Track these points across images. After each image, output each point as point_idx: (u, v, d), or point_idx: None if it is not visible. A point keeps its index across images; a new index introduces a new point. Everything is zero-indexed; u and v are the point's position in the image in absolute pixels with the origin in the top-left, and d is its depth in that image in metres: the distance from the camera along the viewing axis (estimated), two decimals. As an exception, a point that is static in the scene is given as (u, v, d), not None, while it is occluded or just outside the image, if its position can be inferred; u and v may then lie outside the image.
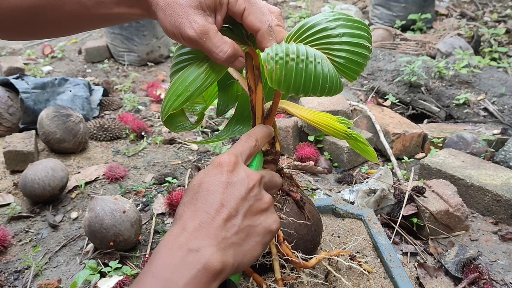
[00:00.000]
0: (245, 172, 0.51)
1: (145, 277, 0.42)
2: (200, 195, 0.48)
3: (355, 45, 0.54)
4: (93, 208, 1.22)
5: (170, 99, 0.55)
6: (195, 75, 0.55)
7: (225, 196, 0.48)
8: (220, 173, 0.50)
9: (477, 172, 1.43)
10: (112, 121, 2.01)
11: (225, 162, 0.50)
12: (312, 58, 0.51)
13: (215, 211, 0.47)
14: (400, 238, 1.28)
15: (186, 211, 0.48)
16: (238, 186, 0.49)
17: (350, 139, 0.65)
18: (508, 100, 2.08)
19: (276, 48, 0.51)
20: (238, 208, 0.48)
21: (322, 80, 0.51)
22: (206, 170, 0.52)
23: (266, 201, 0.52)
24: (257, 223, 0.50)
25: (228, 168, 0.50)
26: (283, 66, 0.50)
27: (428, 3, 3.31)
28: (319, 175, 1.67)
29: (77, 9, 0.55)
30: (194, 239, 0.44)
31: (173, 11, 0.52)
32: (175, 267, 0.42)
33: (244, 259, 0.48)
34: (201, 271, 0.42)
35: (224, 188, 0.48)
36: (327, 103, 1.78)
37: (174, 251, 0.43)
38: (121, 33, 2.85)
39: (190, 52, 0.59)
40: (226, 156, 0.51)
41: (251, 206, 0.50)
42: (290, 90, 0.52)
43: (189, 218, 0.46)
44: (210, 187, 0.49)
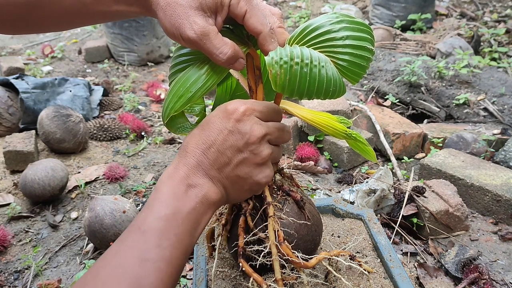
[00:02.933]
0: (249, 126, 0.52)
1: (154, 203, 0.50)
2: (204, 134, 0.53)
3: (359, 48, 0.53)
4: (93, 208, 1.22)
5: (172, 100, 0.55)
6: (196, 76, 0.55)
7: (224, 144, 0.52)
8: (227, 119, 0.52)
9: (477, 172, 1.43)
10: (112, 121, 2.01)
11: (234, 110, 0.52)
12: (316, 62, 0.51)
13: (212, 155, 0.52)
14: (400, 238, 1.28)
15: (190, 144, 0.53)
16: (237, 137, 0.52)
17: (350, 139, 0.65)
18: (508, 100, 2.08)
19: (281, 52, 0.50)
20: (231, 158, 0.52)
21: (326, 84, 0.51)
22: (218, 111, 0.53)
23: (263, 156, 0.54)
24: (247, 175, 0.54)
25: (235, 117, 0.52)
26: (288, 71, 0.50)
27: (428, 3, 3.31)
28: (319, 175, 1.67)
29: (75, 5, 0.55)
30: (192, 175, 0.52)
31: (173, 11, 0.51)
32: (179, 197, 0.50)
33: (232, 197, 0.56)
34: (199, 203, 0.51)
35: (225, 135, 0.52)
36: (327, 103, 1.78)
37: (177, 183, 0.51)
38: (121, 33, 2.85)
39: (190, 53, 0.59)
40: (238, 105, 0.53)
41: (245, 158, 0.53)
42: (294, 94, 0.51)
43: (189, 153, 0.52)
44: (214, 130, 0.52)
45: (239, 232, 0.62)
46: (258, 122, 0.53)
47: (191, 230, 0.50)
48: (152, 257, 0.47)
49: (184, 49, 0.60)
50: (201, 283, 0.70)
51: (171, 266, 0.48)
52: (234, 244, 0.63)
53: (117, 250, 0.48)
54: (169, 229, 0.48)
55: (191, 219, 0.50)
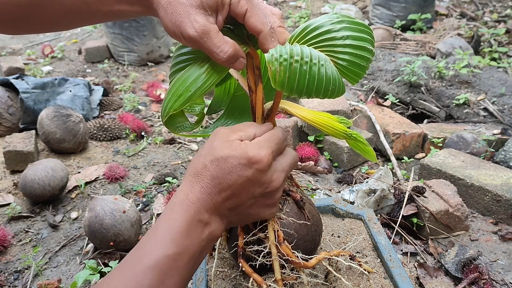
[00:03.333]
0: (271, 177, 0.53)
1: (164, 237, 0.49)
2: (222, 175, 0.51)
3: (359, 48, 0.53)
4: (93, 208, 1.22)
5: (171, 99, 0.55)
6: (196, 76, 0.55)
7: (241, 190, 0.52)
8: (249, 167, 0.51)
9: (477, 172, 1.43)
10: (112, 121, 2.01)
11: (260, 161, 0.51)
12: (316, 60, 0.51)
13: (227, 197, 0.52)
14: (400, 238, 1.28)
15: (206, 178, 0.52)
16: (256, 186, 0.52)
17: (350, 139, 0.65)
18: (508, 100, 2.08)
19: (281, 49, 0.50)
20: (246, 201, 0.53)
21: (326, 83, 0.51)
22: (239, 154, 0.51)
23: (275, 199, 0.55)
24: (256, 213, 0.55)
25: (259, 167, 0.51)
26: (287, 68, 0.50)
27: (428, 3, 3.31)
28: (319, 175, 1.67)
29: (77, 5, 0.55)
30: (204, 212, 0.51)
31: (174, 10, 0.51)
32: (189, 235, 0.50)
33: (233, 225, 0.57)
34: (205, 240, 0.52)
35: (244, 182, 0.51)
36: (327, 103, 1.78)
37: (190, 218, 0.50)
38: (121, 33, 2.85)
39: (190, 52, 0.59)
40: (263, 155, 0.51)
41: (258, 201, 0.54)
42: (294, 92, 0.51)
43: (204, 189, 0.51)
44: (232, 174, 0.51)
45: (239, 232, 0.62)
46: (278, 169, 0.54)
47: (194, 267, 0.52)
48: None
49: (185, 49, 0.60)
50: (201, 283, 0.70)
51: None
52: (234, 244, 0.63)
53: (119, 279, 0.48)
54: (174, 268, 0.48)
55: (196, 257, 0.51)
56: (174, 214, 0.51)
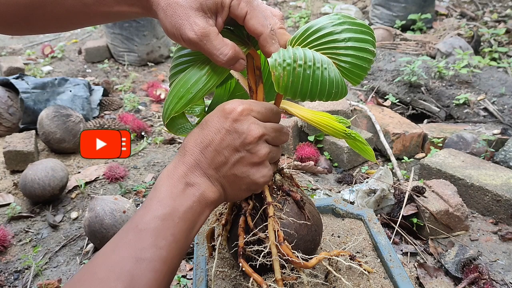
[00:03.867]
0: (247, 126, 0.52)
1: (152, 202, 0.51)
2: (203, 133, 0.53)
3: (361, 50, 0.53)
4: (93, 208, 1.22)
5: (172, 101, 0.55)
6: (196, 77, 0.55)
7: (221, 143, 0.52)
8: (225, 118, 0.52)
9: (477, 172, 1.43)
10: (112, 121, 2.01)
11: (232, 110, 0.52)
12: (319, 64, 0.51)
13: (210, 154, 0.53)
14: (400, 238, 1.28)
15: (189, 143, 0.54)
16: (234, 136, 0.52)
17: (349, 138, 0.65)
18: (508, 100, 2.08)
19: (284, 54, 0.50)
20: (229, 157, 0.53)
21: (329, 86, 0.51)
22: (217, 110, 0.54)
23: (260, 155, 0.54)
24: (245, 174, 0.54)
25: (233, 117, 0.52)
26: (291, 73, 0.50)
27: (428, 3, 3.31)
28: (319, 175, 1.67)
29: (77, 6, 0.55)
30: (190, 174, 0.52)
31: (174, 12, 0.51)
32: (176, 196, 0.51)
33: (230, 196, 0.57)
34: (196, 202, 0.52)
35: (223, 135, 0.52)
36: (327, 103, 1.78)
37: (175, 182, 0.52)
38: (121, 33, 2.85)
39: (190, 54, 0.59)
40: (236, 104, 0.53)
41: (242, 157, 0.53)
42: (297, 96, 0.51)
43: (188, 152, 0.53)
44: (211, 129, 0.53)
45: (239, 232, 0.62)
46: (255, 122, 0.53)
47: (188, 229, 0.51)
48: (148, 257, 0.47)
49: (185, 50, 0.60)
50: (201, 283, 0.70)
51: (166, 266, 0.49)
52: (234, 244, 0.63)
53: (114, 248, 0.49)
54: (166, 228, 0.49)
55: (187, 218, 0.51)
56: (161, 181, 0.52)
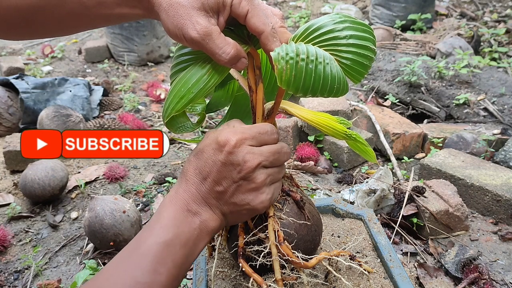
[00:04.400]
0: (242, 157, 0.53)
1: (155, 227, 0.52)
2: (200, 164, 0.54)
3: (362, 48, 0.53)
4: (93, 208, 1.22)
5: (173, 101, 0.55)
6: (197, 77, 0.55)
7: (218, 175, 0.53)
8: (219, 151, 0.53)
9: (477, 172, 1.43)
10: (112, 121, 2.01)
11: (226, 143, 0.53)
12: (321, 59, 0.51)
13: (209, 185, 0.54)
14: (400, 238, 1.28)
15: (189, 171, 0.55)
16: (231, 169, 0.53)
17: (350, 139, 0.65)
18: (508, 100, 2.08)
19: (287, 47, 0.50)
20: (227, 187, 0.54)
21: (331, 81, 0.51)
22: (210, 141, 0.54)
23: (257, 182, 0.54)
24: (244, 202, 0.55)
25: (227, 150, 0.53)
26: (294, 66, 0.50)
27: (428, 3, 3.31)
28: (319, 175, 1.67)
29: (78, 9, 0.55)
30: (192, 203, 0.54)
31: (175, 12, 0.51)
32: (179, 223, 0.52)
33: (231, 221, 0.58)
34: (197, 230, 0.53)
35: (219, 167, 0.53)
36: (327, 103, 1.78)
37: (178, 209, 0.53)
38: (121, 33, 2.85)
39: (191, 53, 0.59)
40: (229, 136, 0.53)
41: (239, 186, 0.54)
42: (299, 91, 0.51)
43: (189, 181, 0.54)
44: (208, 161, 0.54)
45: (239, 232, 0.62)
46: (251, 151, 0.54)
47: (187, 255, 0.52)
48: (147, 281, 0.48)
49: (185, 49, 0.60)
50: (201, 283, 0.70)
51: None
52: (234, 244, 0.63)
53: (116, 269, 0.50)
54: (167, 254, 0.50)
55: (188, 245, 0.52)
56: (165, 208, 0.54)
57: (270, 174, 0.56)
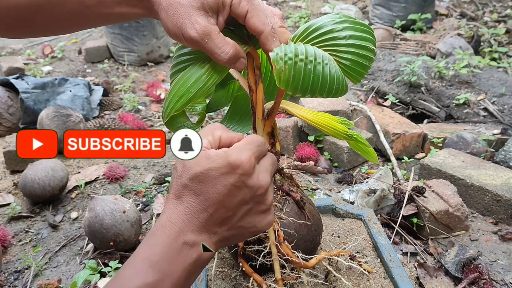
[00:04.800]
0: (257, 180, 0.49)
1: (143, 263, 0.45)
2: (205, 188, 0.47)
3: (361, 48, 0.53)
4: (93, 208, 1.22)
5: (172, 100, 0.55)
6: (197, 76, 0.55)
7: (229, 199, 0.48)
8: (232, 174, 0.47)
9: (477, 172, 1.43)
10: (112, 121, 2.01)
11: (241, 164, 0.47)
12: (320, 60, 0.51)
13: (215, 210, 0.47)
14: (400, 238, 1.28)
15: (189, 197, 0.48)
16: (245, 191, 0.48)
17: (351, 140, 0.65)
18: (508, 100, 2.08)
19: (285, 48, 0.50)
20: (237, 211, 0.49)
21: (330, 82, 0.51)
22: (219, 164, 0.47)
23: (268, 203, 0.51)
24: (251, 224, 0.51)
25: (242, 171, 0.47)
26: (292, 67, 0.50)
27: (428, 3, 3.31)
28: (319, 175, 1.67)
29: (77, 8, 0.55)
30: (190, 233, 0.47)
31: (175, 12, 0.51)
32: (171, 260, 0.46)
33: (229, 244, 0.53)
34: (192, 264, 0.47)
35: (230, 190, 0.47)
36: (327, 103, 1.78)
37: (171, 241, 0.46)
38: (121, 33, 2.85)
39: (191, 53, 0.59)
40: (245, 157, 0.48)
41: (250, 209, 0.50)
42: (298, 91, 0.51)
43: (188, 208, 0.47)
44: (217, 186, 0.47)
45: (239, 232, 0.62)
46: (262, 170, 0.50)
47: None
48: None
49: (185, 49, 0.60)
50: (201, 283, 0.70)
51: None
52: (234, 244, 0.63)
53: None
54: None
55: (181, 283, 0.47)
56: (155, 239, 0.47)
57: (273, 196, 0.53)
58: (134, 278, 0.45)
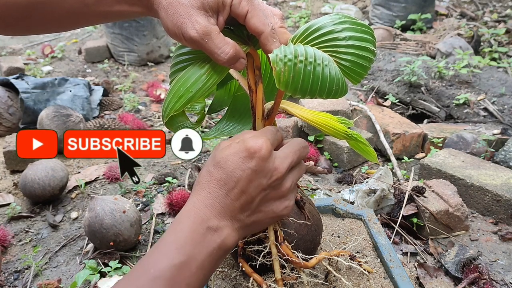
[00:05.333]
0: (273, 164, 0.51)
1: (170, 247, 0.47)
2: (225, 174, 0.50)
3: (361, 49, 0.53)
4: (93, 208, 1.22)
5: (172, 100, 0.55)
6: (196, 76, 0.55)
7: (248, 184, 0.50)
8: (250, 158, 0.50)
9: (477, 172, 1.43)
10: (112, 121, 2.01)
11: (259, 149, 0.50)
12: (320, 61, 0.51)
13: (235, 196, 0.50)
14: (400, 238, 1.28)
15: (211, 182, 0.51)
16: (262, 176, 0.51)
17: (350, 139, 0.65)
18: (508, 100, 2.08)
19: (285, 49, 0.50)
20: (256, 196, 0.51)
21: (329, 83, 0.51)
22: (236, 149, 0.51)
23: (285, 188, 0.53)
24: (269, 209, 0.53)
25: (259, 156, 0.50)
26: (292, 68, 0.50)
27: (428, 3, 3.31)
28: (319, 175, 1.67)
29: (77, 6, 0.55)
30: (213, 218, 0.49)
31: (175, 11, 0.51)
32: (196, 242, 0.48)
33: (250, 232, 0.55)
34: (216, 249, 0.49)
35: (249, 175, 0.50)
36: (327, 103, 1.78)
37: (196, 226, 0.49)
38: (121, 33, 2.85)
39: (191, 52, 0.59)
40: (261, 142, 0.51)
41: (268, 194, 0.52)
42: (297, 92, 0.51)
43: (211, 194, 0.50)
44: (236, 170, 0.50)
45: (239, 232, 0.62)
46: (279, 156, 0.53)
47: (203, 276, 0.49)
48: None
49: (185, 48, 0.60)
50: (201, 283, 0.70)
51: None
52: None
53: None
54: (181, 278, 0.46)
55: (205, 266, 0.48)
56: (181, 224, 0.49)
57: (295, 178, 0.55)
58: (161, 260, 0.46)
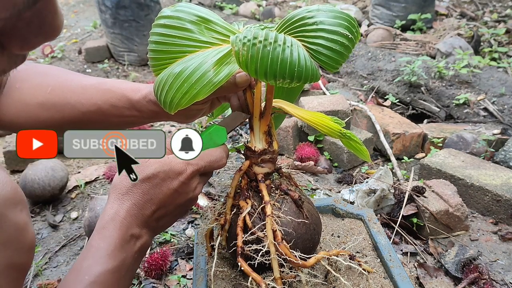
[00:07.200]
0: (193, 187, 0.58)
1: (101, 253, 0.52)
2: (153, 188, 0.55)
3: (332, 32, 0.52)
4: (93, 208, 1.22)
5: (176, 96, 0.53)
6: (202, 72, 0.53)
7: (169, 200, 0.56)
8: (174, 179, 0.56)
9: (477, 172, 1.43)
10: (112, 121, 2.01)
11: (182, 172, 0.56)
12: (281, 42, 0.50)
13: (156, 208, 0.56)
14: (400, 238, 1.28)
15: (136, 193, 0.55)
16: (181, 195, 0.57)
17: (344, 138, 0.65)
18: (508, 100, 2.08)
19: (246, 32, 0.50)
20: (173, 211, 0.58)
21: (290, 64, 0.50)
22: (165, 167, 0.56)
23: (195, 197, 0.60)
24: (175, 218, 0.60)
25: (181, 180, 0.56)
26: (250, 48, 0.49)
27: (428, 3, 3.31)
28: (319, 175, 1.67)
29: (92, 110, 0.64)
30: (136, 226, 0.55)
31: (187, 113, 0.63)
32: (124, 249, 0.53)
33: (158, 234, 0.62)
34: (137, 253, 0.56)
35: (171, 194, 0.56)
36: (327, 103, 1.78)
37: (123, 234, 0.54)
38: (121, 33, 2.85)
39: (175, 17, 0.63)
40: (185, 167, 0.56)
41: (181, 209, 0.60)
42: (258, 73, 0.50)
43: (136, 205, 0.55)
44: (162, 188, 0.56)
45: (238, 232, 0.62)
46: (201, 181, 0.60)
47: (130, 278, 0.56)
48: None
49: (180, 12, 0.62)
50: (201, 283, 0.70)
51: None
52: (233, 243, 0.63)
53: None
54: (114, 281, 0.52)
55: (133, 268, 0.56)
56: (107, 231, 0.54)
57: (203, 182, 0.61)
58: (95, 267, 0.51)
